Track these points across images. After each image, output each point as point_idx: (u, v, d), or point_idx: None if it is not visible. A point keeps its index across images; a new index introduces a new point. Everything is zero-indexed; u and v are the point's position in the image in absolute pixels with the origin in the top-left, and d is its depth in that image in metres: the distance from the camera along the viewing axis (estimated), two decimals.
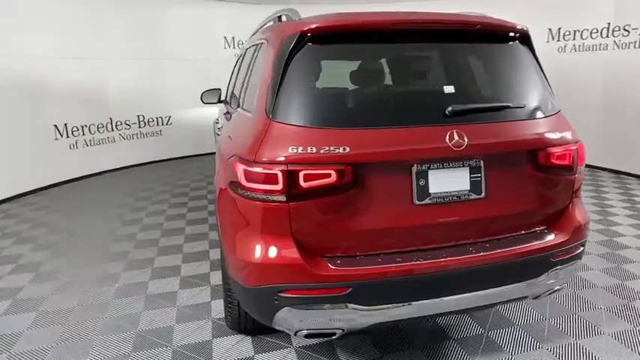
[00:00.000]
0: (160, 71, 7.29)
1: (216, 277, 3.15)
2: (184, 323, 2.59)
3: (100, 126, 6.63)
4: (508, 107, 1.87)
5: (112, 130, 6.81)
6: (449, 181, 1.80)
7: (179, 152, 7.72)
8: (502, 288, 1.87)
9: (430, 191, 1.79)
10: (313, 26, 1.79)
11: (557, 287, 2.05)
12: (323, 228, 1.75)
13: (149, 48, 7.10)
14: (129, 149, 7.03)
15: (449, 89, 1.83)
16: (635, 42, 4.88)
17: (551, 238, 1.95)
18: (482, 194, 1.85)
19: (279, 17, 2.46)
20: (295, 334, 1.85)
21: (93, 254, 3.64)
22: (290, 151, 1.68)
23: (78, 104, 6.24)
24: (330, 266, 1.73)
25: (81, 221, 4.50)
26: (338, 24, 1.80)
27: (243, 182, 1.77)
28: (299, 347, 2.33)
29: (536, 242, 1.91)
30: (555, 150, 1.93)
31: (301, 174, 1.67)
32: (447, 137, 1.74)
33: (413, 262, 1.76)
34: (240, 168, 1.79)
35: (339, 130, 1.70)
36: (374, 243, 1.81)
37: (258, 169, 1.72)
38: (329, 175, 1.67)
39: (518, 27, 1.98)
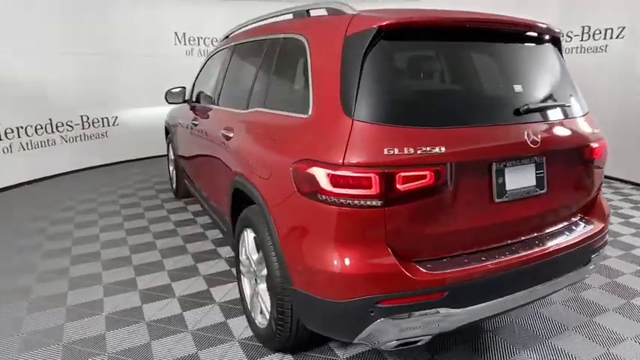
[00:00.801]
0: (106, 67, 6.55)
1: (220, 294, 2.87)
2: (208, 349, 2.31)
3: (39, 127, 5.77)
4: (567, 106, 1.99)
5: (53, 131, 5.96)
6: (520, 178, 1.85)
7: (127, 155, 7.03)
8: (563, 277, 1.97)
9: (507, 189, 1.81)
10: (389, 22, 1.69)
11: (592, 273, 2.22)
12: (415, 232, 1.68)
13: (93, 42, 6.32)
14: (72, 153, 6.23)
15: (518, 88, 1.88)
16: (577, 47, 5.55)
17: (592, 226, 2.11)
18: (545, 189, 1.93)
19: (307, 11, 2.31)
20: (380, 346, 1.75)
21: (53, 278, 3.09)
22: (386, 152, 1.58)
23: (13, 103, 5.37)
24: (424, 271, 1.67)
25: (24, 238, 3.79)
26: (415, 20, 1.74)
27: (328, 188, 1.63)
28: (347, 359, 2.22)
29: (585, 231, 2.05)
30: (594, 145, 2.09)
31: (399, 176, 1.58)
32: (526, 135, 1.79)
33: (497, 260, 1.77)
34: (322, 173, 1.64)
35: (434, 130, 1.65)
36: (458, 243, 1.79)
37: (348, 173, 1.59)
38: (426, 177, 1.61)
39: (557, 30, 2.11)
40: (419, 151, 1.60)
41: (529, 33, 1.98)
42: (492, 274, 1.74)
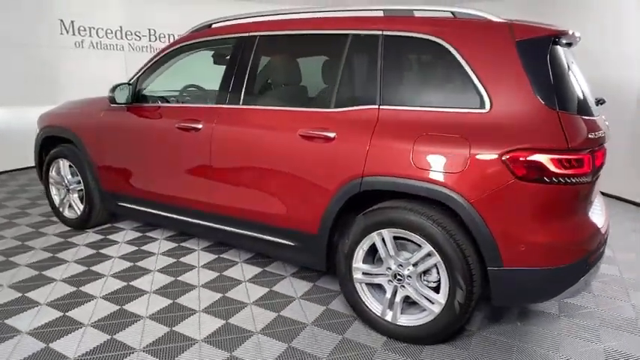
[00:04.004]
0: None
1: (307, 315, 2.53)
2: None
3: None
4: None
5: None
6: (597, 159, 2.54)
7: None
8: None
9: (596, 167, 2.42)
10: (555, 32, 2.11)
11: None
12: (589, 200, 2.16)
13: None
14: None
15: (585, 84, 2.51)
16: None
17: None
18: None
19: (412, 11, 2.40)
20: (567, 297, 2.15)
21: None
22: (589, 136, 2.01)
23: None
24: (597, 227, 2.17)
25: None
26: (565, 32, 2.20)
27: (555, 170, 1.93)
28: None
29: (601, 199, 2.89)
30: None
31: (596, 155, 2.04)
32: (603, 124, 2.49)
33: (598, 221, 2.38)
34: (547, 158, 1.93)
35: (594, 118, 2.16)
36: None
37: (573, 156, 1.95)
38: (603, 155, 2.12)
39: None
40: (598, 135, 2.09)
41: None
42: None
